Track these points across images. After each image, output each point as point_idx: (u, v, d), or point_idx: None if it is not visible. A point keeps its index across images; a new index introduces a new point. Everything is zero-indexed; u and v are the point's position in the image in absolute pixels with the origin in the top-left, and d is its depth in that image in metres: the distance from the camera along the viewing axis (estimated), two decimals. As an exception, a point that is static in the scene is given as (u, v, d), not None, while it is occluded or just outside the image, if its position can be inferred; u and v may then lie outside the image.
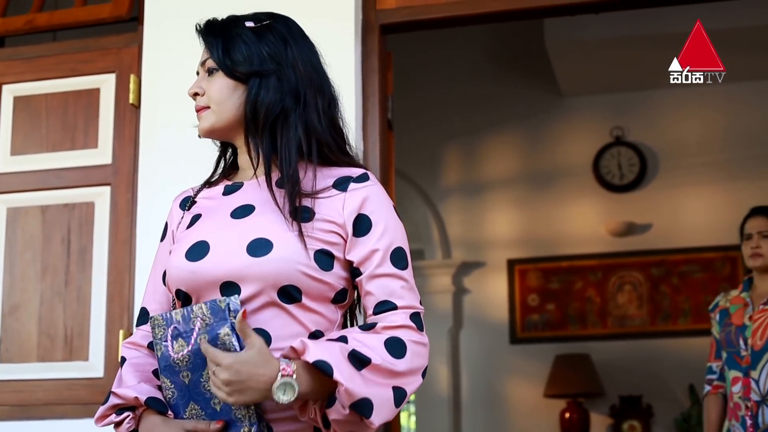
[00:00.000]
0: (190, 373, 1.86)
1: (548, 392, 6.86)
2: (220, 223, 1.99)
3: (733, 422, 3.97)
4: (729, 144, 6.86)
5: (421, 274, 7.37)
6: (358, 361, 1.80)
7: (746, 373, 3.92)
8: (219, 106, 2.05)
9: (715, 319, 4.20)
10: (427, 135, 7.26)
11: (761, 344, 3.91)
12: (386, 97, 3.89)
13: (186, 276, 1.94)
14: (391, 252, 1.96)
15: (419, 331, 1.96)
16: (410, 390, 1.92)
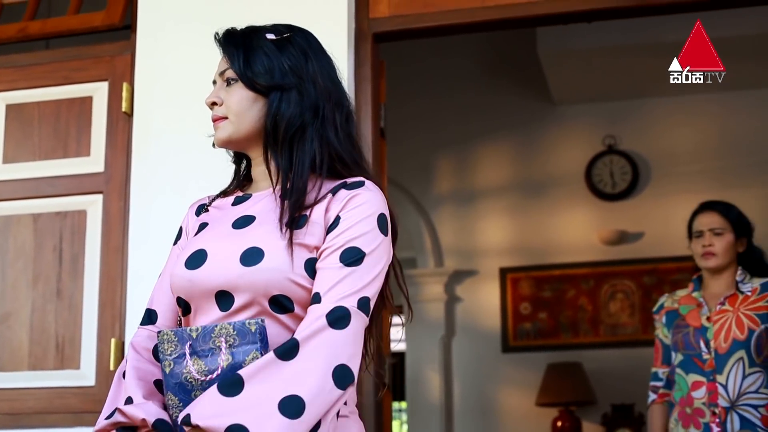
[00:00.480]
0: (201, 392, 1.85)
1: (540, 400, 6.86)
2: (220, 232, 2.00)
3: (692, 430, 3.71)
4: (721, 153, 6.88)
5: (413, 282, 7.37)
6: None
7: (711, 377, 3.69)
8: (238, 117, 2.05)
9: (661, 321, 3.97)
10: (420, 143, 7.27)
11: (726, 347, 3.69)
12: (379, 106, 3.89)
13: (184, 284, 1.96)
14: (343, 249, 1.92)
15: (329, 328, 1.83)
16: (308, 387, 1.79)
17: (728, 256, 3.85)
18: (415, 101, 7.15)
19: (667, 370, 3.94)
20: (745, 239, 3.91)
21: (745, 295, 3.76)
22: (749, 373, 3.63)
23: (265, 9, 3.84)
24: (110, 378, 3.63)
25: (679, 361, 3.81)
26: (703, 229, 3.89)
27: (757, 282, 3.80)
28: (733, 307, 3.75)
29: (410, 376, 7.37)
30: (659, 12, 4.01)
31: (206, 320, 1.93)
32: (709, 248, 3.84)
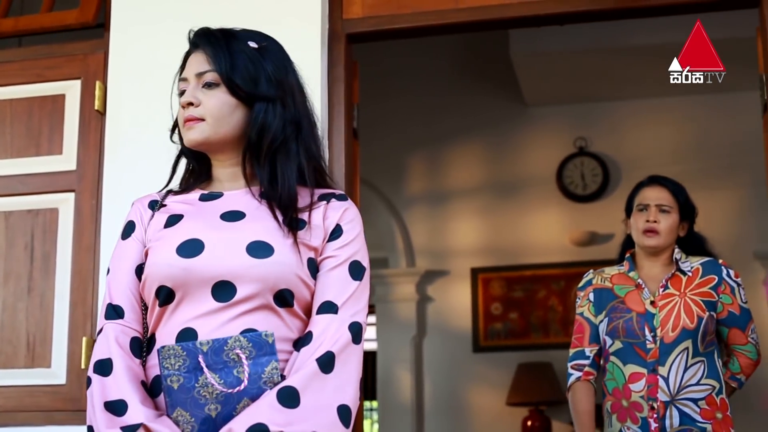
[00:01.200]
0: (220, 406, 1.85)
1: (511, 400, 6.90)
2: (210, 224, 2.00)
3: (629, 424, 3.39)
4: (691, 155, 6.94)
5: (385, 282, 7.39)
6: None
7: (652, 369, 3.35)
8: (217, 121, 2.05)
9: (588, 299, 3.60)
10: (392, 143, 7.29)
11: (674, 336, 3.36)
12: (352, 106, 3.91)
13: (176, 272, 1.93)
14: (350, 262, 2.00)
15: (352, 343, 1.94)
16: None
17: (670, 237, 3.54)
18: (387, 101, 7.16)
19: (596, 350, 3.56)
20: (687, 224, 3.63)
21: (688, 277, 3.47)
22: (691, 364, 3.34)
23: (240, 8, 3.84)
24: (81, 376, 3.63)
25: (617, 349, 3.45)
26: (649, 203, 3.56)
27: (695, 261, 3.52)
28: (679, 291, 3.44)
29: (381, 376, 7.39)
30: (630, 15, 4.04)
31: (195, 312, 1.92)
32: (653, 225, 3.51)
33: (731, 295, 3.47)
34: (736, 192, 6.85)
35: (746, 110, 6.17)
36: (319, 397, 1.84)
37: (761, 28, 3.67)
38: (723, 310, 3.46)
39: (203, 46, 2.10)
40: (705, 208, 3.94)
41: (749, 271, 6.47)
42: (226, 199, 2.07)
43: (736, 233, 6.58)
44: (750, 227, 6.62)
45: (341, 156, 3.77)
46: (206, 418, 1.85)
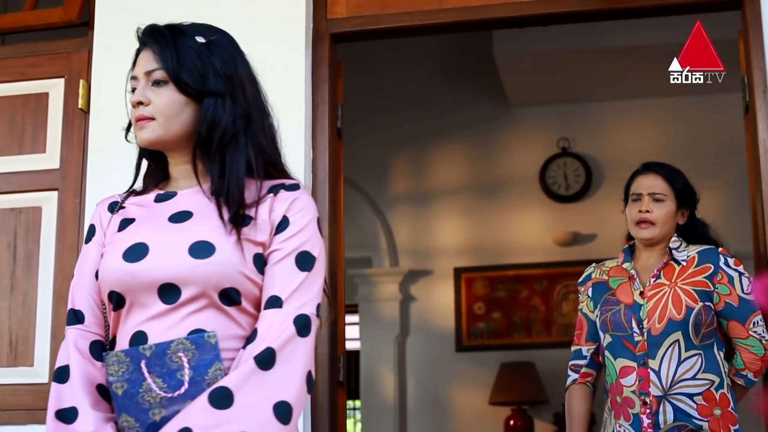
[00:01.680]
0: (164, 410, 1.85)
1: (493, 400, 6.91)
2: (157, 226, 1.99)
3: (621, 421, 3.23)
4: (673, 156, 6.90)
5: (368, 281, 7.39)
6: None
7: (642, 362, 3.20)
8: (168, 120, 2.03)
9: (587, 294, 3.45)
10: (376, 143, 7.29)
11: (660, 328, 3.20)
12: (336, 106, 3.91)
13: (123, 277, 1.93)
14: (297, 253, 1.97)
15: (297, 336, 1.90)
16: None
17: (666, 227, 3.37)
18: (371, 100, 7.17)
19: (593, 348, 3.43)
20: (687, 210, 3.46)
21: (681, 266, 3.30)
22: (686, 357, 3.18)
23: (224, 8, 3.85)
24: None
25: (608, 343, 3.31)
26: (642, 192, 3.39)
27: (693, 250, 3.35)
28: (670, 281, 3.28)
29: (364, 375, 7.39)
30: (614, 17, 4.06)
31: (145, 315, 1.92)
32: (646, 215, 3.35)
33: (729, 285, 3.25)
34: (719, 193, 6.87)
35: (729, 111, 6.19)
36: (255, 395, 1.82)
37: (743, 30, 3.69)
38: (719, 300, 3.24)
39: (150, 43, 2.08)
40: None
41: (731, 271, 6.50)
42: (178, 198, 2.05)
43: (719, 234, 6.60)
44: (733, 228, 6.64)
45: (325, 155, 3.78)
46: (152, 424, 1.85)
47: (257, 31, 3.84)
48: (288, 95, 3.78)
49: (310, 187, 3.74)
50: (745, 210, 6.49)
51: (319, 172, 3.76)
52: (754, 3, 3.61)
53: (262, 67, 3.96)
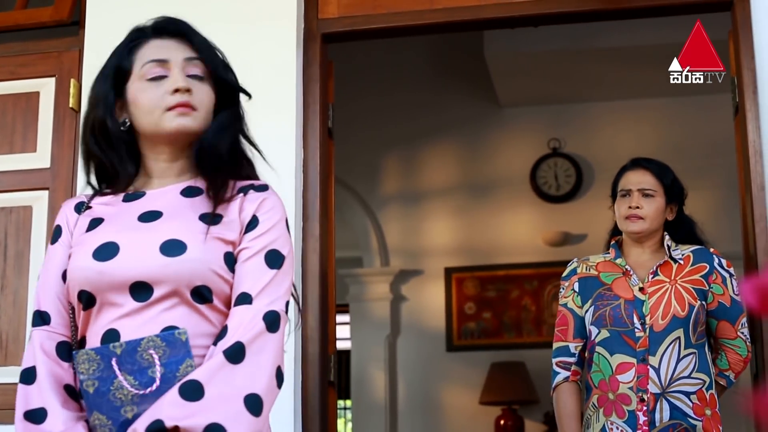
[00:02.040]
0: (136, 407, 1.85)
1: (484, 399, 6.92)
2: (127, 226, 1.99)
3: (613, 418, 3.16)
4: (663, 156, 6.89)
5: (359, 281, 7.40)
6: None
7: (642, 359, 3.15)
8: (205, 115, 2.05)
9: (573, 289, 3.38)
10: (367, 143, 7.30)
11: (664, 324, 3.16)
12: (327, 106, 3.92)
13: (93, 276, 1.93)
14: (266, 251, 1.99)
15: (267, 332, 1.91)
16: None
17: (656, 222, 3.35)
18: (362, 100, 7.17)
19: (581, 345, 3.36)
20: (675, 206, 3.44)
21: (679, 264, 3.29)
22: (684, 355, 3.16)
23: (216, 9, 3.85)
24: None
25: (603, 338, 3.24)
26: (631, 188, 3.37)
27: (687, 249, 3.34)
28: (670, 278, 3.26)
29: (355, 375, 7.40)
30: (605, 18, 4.07)
31: (116, 313, 1.92)
32: (636, 211, 3.32)
33: (722, 285, 3.27)
34: (709, 193, 6.90)
35: (718, 112, 6.21)
36: (224, 388, 1.82)
37: (733, 31, 3.71)
38: (713, 300, 3.25)
39: (183, 34, 2.11)
40: None
41: (720, 271, 6.53)
42: (147, 198, 2.05)
43: (709, 234, 6.62)
44: (723, 228, 6.66)
45: (316, 155, 3.78)
46: (124, 421, 1.85)
47: (248, 31, 3.84)
48: (279, 95, 3.78)
49: (301, 187, 3.74)
50: (734, 210, 6.51)
51: (310, 171, 3.76)
52: (743, 4, 3.62)
53: (253, 66, 3.97)
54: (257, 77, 3.84)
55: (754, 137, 3.50)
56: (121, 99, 2.10)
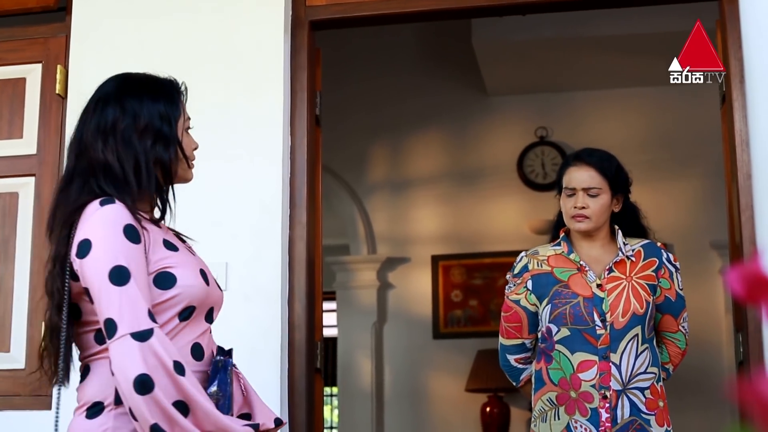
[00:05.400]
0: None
1: (470, 387, 6.94)
2: (188, 254, 2.27)
3: (577, 416, 3.15)
4: (649, 146, 7.00)
5: (346, 269, 7.41)
6: None
7: (604, 356, 3.13)
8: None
9: (526, 287, 3.32)
10: (354, 131, 7.30)
11: (624, 321, 3.16)
12: (314, 93, 3.92)
13: (203, 296, 2.18)
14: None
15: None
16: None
17: (602, 218, 3.30)
18: (349, 88, 7.16)
19: (534, 340, 3.36)
20: (622, 196, 3.37)
21: (631, 261, 3.28)
22: (641, 351, 3.17)
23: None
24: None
25: (563, 337, 3.20)
26: (575, 188, 3.29)
27: (636, 243, 3.33)
28: (625, 275, 3.24)
29: (342, 362, 7.41)
30: (592, 6, 4.08)
31: (198, 329, 2.19)
32: (582, 211, 3.26)
33: (669, 279, 3.28)
34: (694, 183, 6.93)
35: (705, 102, 6.23)
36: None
37: (721, 20, 3.72)
38: (660, 294, 3.27)
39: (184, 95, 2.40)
40: (663, 198, 3.86)
41: (706, 261, 6.55)
42: (164, 228, 2.31)
43: (694, 223, 6.66)
44: (707, 218, 6.70)
45: (303, 143, 3.78)
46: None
47: (236, 18, 3.84)
48: (266, 82, 3.78)
49: (288, 174, 3.74)
50: (719, 199, 6.54)
51: (298, 159, 3.76)
52: (731, -6, 3.63)
53: (241, 53, 3.97)
54: (245, 64, 3.84)
55: (741, 126, 3.51)
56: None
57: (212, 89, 3.77)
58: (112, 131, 2.15)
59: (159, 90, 2.24)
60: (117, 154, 2.14)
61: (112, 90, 2.23)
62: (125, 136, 2.15)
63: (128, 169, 2.14)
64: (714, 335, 6.38)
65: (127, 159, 2.15)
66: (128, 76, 2.28)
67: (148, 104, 2.19)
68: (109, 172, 2.14)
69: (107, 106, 2.19)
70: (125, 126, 2.16)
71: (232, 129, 3.74)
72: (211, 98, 3.70)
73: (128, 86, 2.23)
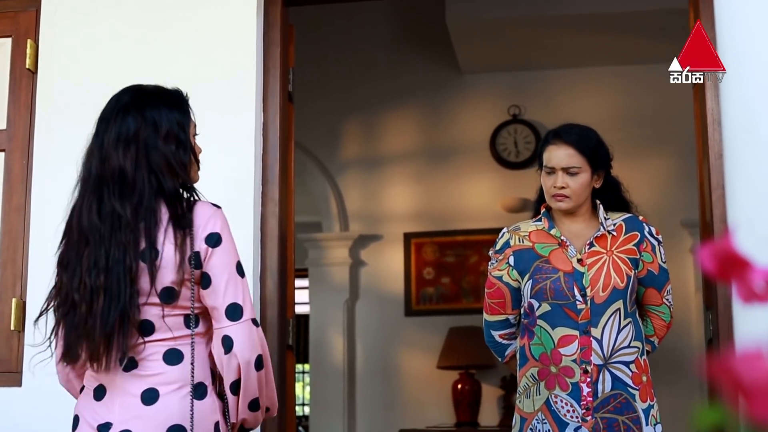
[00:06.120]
0: None
1: (441, 364, 6.97)
2: None
3: (557, 391, 3.15)
4: (622, 124, 7.02)
5: (318, 246, 7.41)
6: None
7: (585, 331, 3.13)
8: None
9: (508, 263, 3.30)
10: (327, 107, 7.28)
11: (605, 296, 3.15)
12: (287, 70, 3.90)
13: None
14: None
15: None
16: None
17: (583, 196, 3.28)
18: (323, 65, 7.14)
19: (517, 316, 3.34)
20: (602, 172, 3.33)
21: (612, 235, 3.27)
22: (624, 325, 3.17)
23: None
24: (10, 338, 3.61)
25: (544, 312, 3.20)
26: (554, 167, 3.27)
27: (618, 218, 3.32)
28: (606, 249, 3.24)
29: (314, 339, 7.42)
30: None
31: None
32: (562, 190, 3.24)
33: (652, 253, 3.27)
34: (666, 161, 6.96)
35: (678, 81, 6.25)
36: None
37: (693, 0, 3.72)
38: (643, 268, 3.26)
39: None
40: (635, 176, 3.82)
41: (677, 239, 6.59)
42: None
43: (665, 202, 6.69)
44: (678, 196, 6.74)
45: (276, 119, 3.77)
46: None
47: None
48: (239, 59, 3.76)
49: (261, 151, 3.73)
50: (690, 178, 6.58)
51: (270, 136, 3.75)
52: (704, -27, 3.63)
53: (213, 30, 3.94)
54: (218, 41, 3.82)
55: (712, 105, 3.53)
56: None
57: (184, 65, 3.74)
58: (134, 139, 2.33)
59: (171, 100, 2.42)
60: (135, 162, 2.32)
61: (130, 101, 2.38)
62: (149, 143, 2.33)
63: (140, 176, 2.33)
64: (684, 313, 6.42)
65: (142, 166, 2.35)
66: (141, 88, 2.44)
67: (166, 113, 2.38)
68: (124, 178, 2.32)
69: (127, 115, 2.35)
70: (147, 134, 2.34)
71: (205, 105, 3.72)
72: (182, 74, 3.68)
73: (145, 97, 2.39)
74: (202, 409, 2.27)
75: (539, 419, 3.18)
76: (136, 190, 2.29)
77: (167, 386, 2.26)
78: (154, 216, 2.28)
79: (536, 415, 3.19)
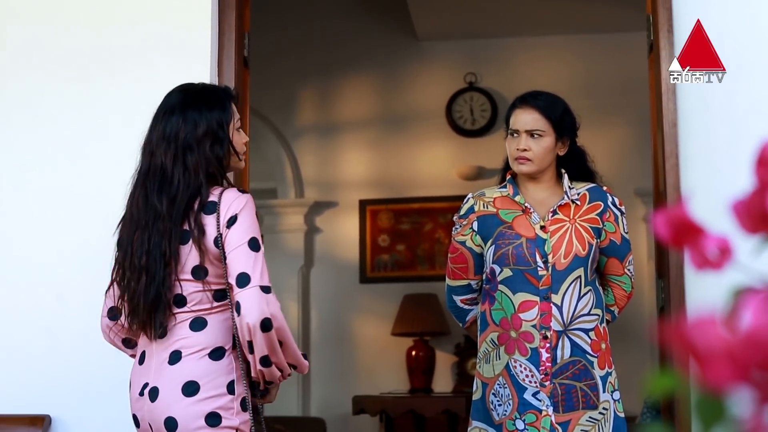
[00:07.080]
0: None
1: (396, 331, 6.99)
2: None
3: (516, 356, 3.19)
4: (579, 93, 7.01)
5: (273, 212, 7.38)
6: None
7: (545, 297, 3.17)
8: None
9: (472, 228, 3.35)
10: (282, 73, 7.24)
11: (566, 263, 3.19)
12: (243, 35, 3.87)
13: None
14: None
15: None
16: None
17: (546, 161, 3.30)
18: (278, 31, 7.09)
19: (479, 281, 3.38)
20: (567, 140, 3.35)
21: (576, 204, 3.30)
22: (584, 293, 3.21)
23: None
24: None
25: (506, 277, 3.23)
26: (518, 129, 3.28)
27: (582, 187, 3.35)
28: (569, 217, 3.27)
29: (268, 306, 7.40)
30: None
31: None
32: (524, 153, 3.26)
33: (615, 223, 3.32)
34: (621, 130, 7.00)
35: (634, 50, 6.27)
36: None
37: (649, -31, 3.73)
38: (605, 238, 3.31)
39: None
40: (588, 145, 3.79)
41: (630, 207, 6.61)
42: None
43: (619, 171, 6.73)
44: (632, 165, 6.78)
45: (231, 84, 3.74)
46: None
47: (163, -45, 3.77)
48: (194, 22, 3.72)
49: (216, 116, 3.70)
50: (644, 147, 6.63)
51: (225, 101, 3.72)
52: (660, -58, 3.64)
53: (167, -8, 3.89)
54: (173, 3, 3.77)
55: (667, 75, 3.55)
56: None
57: (138, 28, 3.70)
58: (174, 138, 2.66)
59: (214, 99, 2.73)
60: (174, 159, 2.65)
61: (177, 101, 2.72)
62: (187, 143, 2.65)
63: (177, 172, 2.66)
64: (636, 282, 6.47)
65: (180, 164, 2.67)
66: (188, 88, 2.78)
67: (206, 113, 2.69)
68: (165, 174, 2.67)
69: (172, 116, 2.69)
70: (186, 134, 2.66)
71: (158, 69, 3.68)
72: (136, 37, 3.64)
73: (189, 98, 2.73)
74: (216, 369, 2.61)
75: (500, 383, 3.22)
76: (173, 185, 2.62)
77: (189, 349, 2.62)
78: (187, 208, 2.62)
79: (497, 380, 3.23)
